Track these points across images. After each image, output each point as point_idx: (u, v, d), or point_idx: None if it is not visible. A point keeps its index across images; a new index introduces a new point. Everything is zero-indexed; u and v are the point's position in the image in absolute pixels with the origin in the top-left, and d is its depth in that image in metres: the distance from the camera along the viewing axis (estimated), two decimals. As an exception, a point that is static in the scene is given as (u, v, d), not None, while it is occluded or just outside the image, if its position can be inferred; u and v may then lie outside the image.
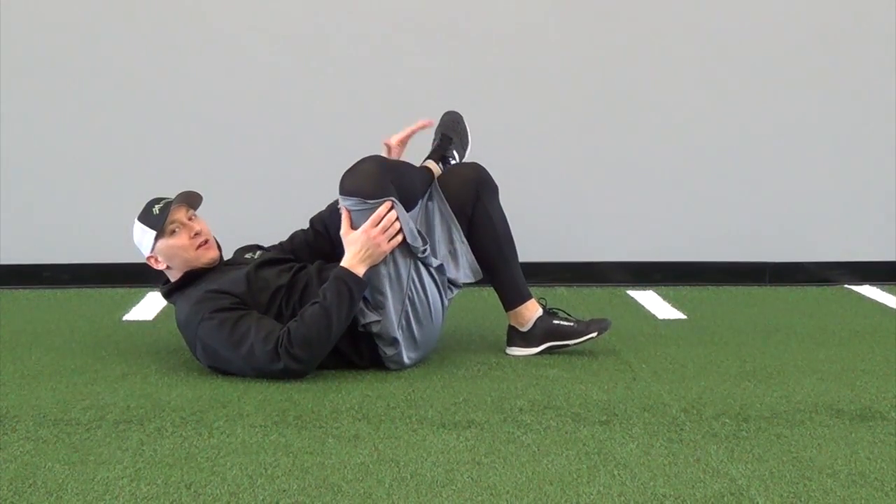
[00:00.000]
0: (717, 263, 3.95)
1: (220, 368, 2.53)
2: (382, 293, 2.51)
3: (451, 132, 2.83)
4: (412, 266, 2.52)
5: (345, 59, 3.76)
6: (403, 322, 2.54)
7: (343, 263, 2.48)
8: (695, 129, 3.87)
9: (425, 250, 2.54)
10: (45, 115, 3.75)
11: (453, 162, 2.80)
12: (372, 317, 2.51)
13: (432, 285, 2.58)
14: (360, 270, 2.46)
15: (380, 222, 2.44)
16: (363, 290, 2.47)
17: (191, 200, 2.64)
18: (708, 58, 3.83)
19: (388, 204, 2.44)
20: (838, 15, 3.83)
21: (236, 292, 2.51)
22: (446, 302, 2.66)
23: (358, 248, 2.46)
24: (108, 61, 3.73)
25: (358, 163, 2.49)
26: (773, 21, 3.82)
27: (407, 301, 2.53)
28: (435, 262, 2.59)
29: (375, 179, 2.45)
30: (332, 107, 3.79)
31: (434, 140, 2.84)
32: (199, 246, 2.59)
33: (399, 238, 2.47)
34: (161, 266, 2.61)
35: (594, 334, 2.73)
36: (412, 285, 2.53)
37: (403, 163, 2.66)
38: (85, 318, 3.30)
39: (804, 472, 1.88)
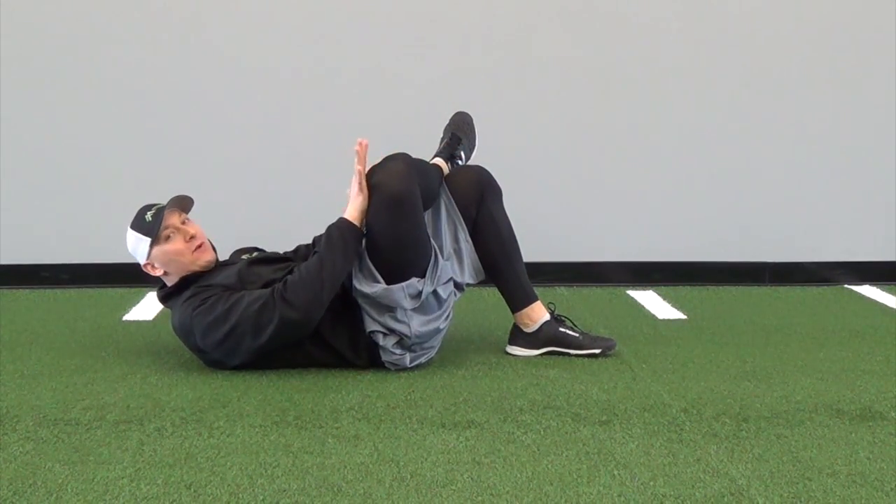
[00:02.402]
0: (717, 263, 3.95)
1: (221, 359, 2.53)
2: (388, 325, 2.52)
3: (460, 132, 2.83)
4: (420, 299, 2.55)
5: (346, 62, 3.76)
6: (407, 342, 2.57)
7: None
8: (695, 130, 3.87)
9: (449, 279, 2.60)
10: (45, 117, 3.75)
11: (460, 163, 2.80)
12: (376, 327, 2.52)
13: (438, 302, 2.59)
14: (348, 215, 2.50)
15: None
16: (353, 232, 2.49)
17: (183, 205, 2.63)
18: (708, 59, 3.83)
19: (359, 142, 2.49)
20: (838, 16, 3.83)
21: (226, 284, 2.53)
22: (451, 310, 2.66)
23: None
24: (107, 63, 3.73)
25: (387, 160, 2.51)
26: (772, 22, 3.82)
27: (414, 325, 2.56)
28: (453, 279, 2.62)
29: (403, 178, 2.46)
30: (334, 108, 3.78)
31: (443, 138, 2.84)
32: (195, 249, 2.59)
33: (357, 184, 2.49)
34: (158, 272, 2.60)
35: (597, 351, 2.73)
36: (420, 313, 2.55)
37: (425, 161, 2.67)
38: (85, 318, 3.29)
39: (804, 472, 1.88)
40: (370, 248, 2.51)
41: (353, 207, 2.50)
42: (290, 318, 2.42)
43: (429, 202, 2.59)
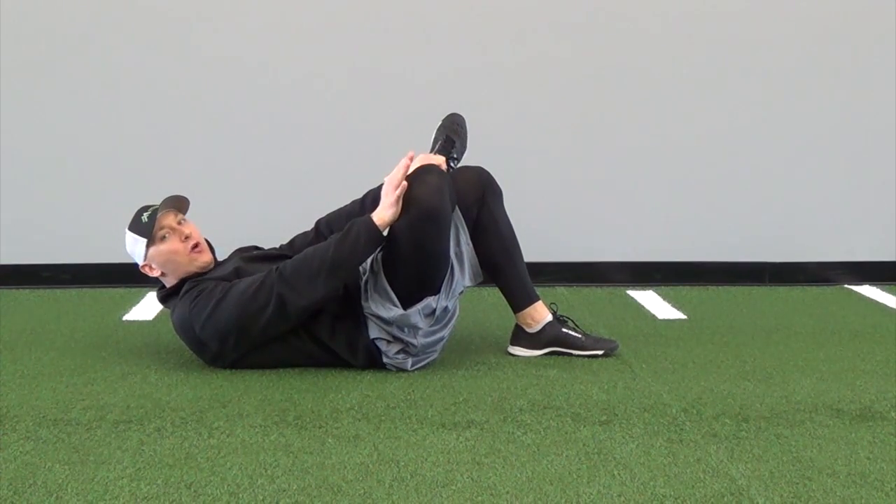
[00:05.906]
0: (717, 263, 3.95)
1: (221, 350, 2.52)
2: (393, 334, 2.53)
3: (454, 134, 2.82)
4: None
5: (346, 62, 3.76)
6: (413, 351, 2.58)
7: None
8: (694, 130, 3.87)
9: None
10: (45, 116, 3.75)
11: (453, 165, 2.80)
12: (381, 334, 2.53)
13: (445, 312, 2.59)
14: (378, 219, 2.46)
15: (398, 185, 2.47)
16: (374, 233, 2.44)
17: (178, 205, 2.62)
18: (708, 59, 3.83)
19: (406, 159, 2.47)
20: (838, 16, 3.82)
21: (222, 277, 2.54)
22: (454, 318, 2.67)
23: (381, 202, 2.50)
24: (107, 63, 3.73)
25: (425, 174, 2.49)
26: (772, 22, 3.82)
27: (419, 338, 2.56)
28: (461, 287, 2.61)
29: (442, 193, 2.46)
30: (334, 108, 3.78)
31: (437, 140, 2.83)
32: (192, 250, 2.58)
33: (398, 193, 2.44)
34: (156, 273, 2.61)
35: (599, 352, 2.73)
36: (423, 328, 2.56)
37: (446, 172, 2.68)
38: (85, 318, 3.30)
39: (804, 472, 1.88)
40: (390, 261, 2.50)
41: (384, 214, 2.46)
42: (285, 296, 2.41)
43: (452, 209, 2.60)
